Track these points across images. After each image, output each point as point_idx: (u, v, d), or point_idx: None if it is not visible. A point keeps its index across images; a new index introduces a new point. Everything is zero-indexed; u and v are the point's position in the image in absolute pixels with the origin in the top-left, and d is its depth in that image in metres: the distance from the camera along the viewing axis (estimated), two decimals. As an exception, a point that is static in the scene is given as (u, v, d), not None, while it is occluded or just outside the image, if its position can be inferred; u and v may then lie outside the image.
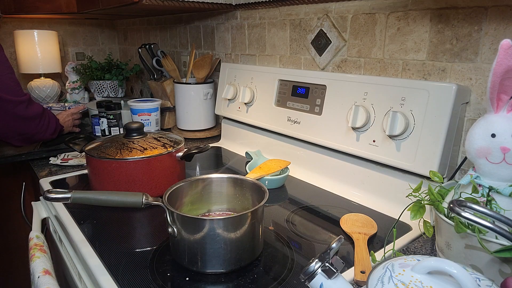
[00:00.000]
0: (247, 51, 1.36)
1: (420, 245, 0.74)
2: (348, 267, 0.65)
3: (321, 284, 0.43)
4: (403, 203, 0.70)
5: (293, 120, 1.10)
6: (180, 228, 0.64)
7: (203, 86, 1.43)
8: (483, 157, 0.58)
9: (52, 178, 1.06)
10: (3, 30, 1.97)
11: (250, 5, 1.27)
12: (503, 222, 0.49)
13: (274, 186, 1.01)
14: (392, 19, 0.91)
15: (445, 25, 0.81)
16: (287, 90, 1.13)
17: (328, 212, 0.88)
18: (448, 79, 0.83)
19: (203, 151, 0.97)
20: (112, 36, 2.36)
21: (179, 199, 0.74)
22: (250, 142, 1.31)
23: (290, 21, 1.17)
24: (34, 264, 0.72)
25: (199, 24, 1.58)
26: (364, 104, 0.91)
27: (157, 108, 1.44)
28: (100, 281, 0.63)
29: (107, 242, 0.76)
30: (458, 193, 0.62)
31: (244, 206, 0.77)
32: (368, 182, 0.94)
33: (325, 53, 1.08)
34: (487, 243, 0.53)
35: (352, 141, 0.94)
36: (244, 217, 0.64)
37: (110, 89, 2.05)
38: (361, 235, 0.74)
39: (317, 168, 1.07)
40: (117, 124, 1.41)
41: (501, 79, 0.55)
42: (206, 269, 0.64)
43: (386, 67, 0.94)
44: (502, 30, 0.73)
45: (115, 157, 0.88)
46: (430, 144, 0.79)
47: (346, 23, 1.01)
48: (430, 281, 0.38)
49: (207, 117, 1.48)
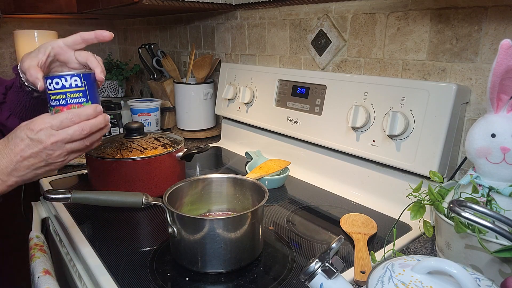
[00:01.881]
0: (247, 51, 1.36)
1: (420, 245, 0.74)
2: (348, 267, 0.65)
3: (321, 284, 0.43)
4: (403, 203, 0.70)
5: (293, 120, 1.10)
6: (180, 228, 0.64)
7: (203, 86, 1.43)
8: (483, 157, 0.58)
9: (52, 178, 1.06)
10: (3, 30, 1.97)
11: (250, 5, 1.27)
12: (503, 222, 0.49)
13: (274, 186, 1.01)
14: (392, 19, 0.90)
15: (445, 25, 0.81)
16: (287, 90, 1.13)
17: (328, 212, 0.88)
18: (448, 79, 0.83)
19: (203, 151, 0.97)
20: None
21: (179, 199, 0.74)
22: (250, 142, 1.31)
23: (290, 21, 1.17)
24: (34, 264, 0.72)
25: (199, 24, 1.58)
26: (364, 104, 0.91)
27: (157, 108, 1.44)
28: (100, 281, 0.63)
29: (107, 242, 0.76)
30: (458, 193, 0.62)
31: (244, 206, 0.77)
32: (368, 182, 0.94)
33: (325, 53, 1.08)
34: (487, 243, 0.53)
35: (352, 141, 0.94)
36: (244, 217, 0.64)
37: (110, 89, 2.05)
38: (361, 235, 0.74)
39: (317, 168, 1.07)
40: (117, 124, 1.41)
41: (501, 79, 0.55)
42: (206, 269, 0.64)
43: (386, 67, 0.94)
44: (502, 30, 0.73)
45: (115, 157, 0.88)
46: (430, 144, 0.79)
47: (346, 23, 1.01)
48: (430, 281, 0.38)
49: (207, 117, 1.48)
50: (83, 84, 0.57)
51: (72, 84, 0.56)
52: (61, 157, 0.55)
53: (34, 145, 0.53)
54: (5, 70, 2.01)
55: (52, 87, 0.56)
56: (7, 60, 2.00)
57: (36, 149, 0.53)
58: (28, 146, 0.53)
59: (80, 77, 0.56)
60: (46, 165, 0.55)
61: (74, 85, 0.56)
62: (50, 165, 0.56)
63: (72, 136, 0.54)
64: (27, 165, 0.54)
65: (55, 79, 0.56)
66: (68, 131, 0.54)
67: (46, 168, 0.56)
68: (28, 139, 0.54)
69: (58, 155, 0.55)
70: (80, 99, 0.57)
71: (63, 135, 0.54)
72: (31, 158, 0.54)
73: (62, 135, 0.54)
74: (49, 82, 0.56)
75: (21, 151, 0.53)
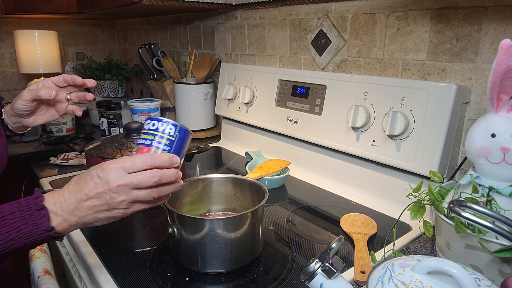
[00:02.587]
0: (247, 51, 1.36)
1: (420, 245, 0.74)
2: (348, 267, 0.65)
3: (321, 284, 0.43)
4: (403, 203, 0.70)
5: (293, 120, 1.10)
6: (180, 228, 0.64)
7: (203, 86, 1.43)
8: (483, 157, 0.58)
9: (52, 178, 1.06)
10: (3, 30, 1.97)
11: (250, 5, 1.27)
12: (503, 222, 0.49)
13: (274, 186, 1.01)
14: (392, 19, 0.90)
15: (445, 25, 0.81)
16: (287, 90, 1.13)
17: (328, 212, 0.88)
18: (448, 79, 0.83)
19: (203, 151, 0.97)
20: (112, 36, 2.36)
21: (179, 199, 0.74)
22: (250, 142, 1.31)
23: (290, 21, 1.17)
24: (34, 264, 0.72)
25: (199, 24, 1.58)
26: (364, 104, 0.91)
27: (157, 108, 1.44)
28: (100, 281, 0.63)
29: (107, 242, 0.76)
30: (458, 193, 0.62)
31: (244, 206, 0.77)
32: (368, 182, 0.94)
33: (325, 53, 1.08)
34: (487, 243, 0.53)
35: (352, 141, 0.94)
36: (244, 217, 0.64)
37: (110, 89, 2.05)
38: (361, 235, 0.74)
39: (317, 168, 1.07)
40: (117, 124, 1.41)
41: (501, 79, 0.55)
42: (206, 269, 0.64)
43: (386, 67, 0.94)
44: (502, 30, 0.73)
45: (115, 157, 0.88)
46: (430, 144, 0.79)
47: (346, 23, 1.01)
48: (430, 281, 0.38)
49: (207, 117, 1.48)
50: (175, 135, 0.56)
51: (165, 130, 0.55)
52: (124, 204, 0.51)
53: (100, 185, 0.50)
54: (5, 70, 2.01)
55: (147, 127, 0.56)
56: (7, 60, 2.00)
57: (101, 189, 0.50)
58: (95, 185, 0.50)
59: (176, 127, 0.56)
60: (107, 209, 0.51)
61: (167, 132, 0.55)
62: (112, 210, 0.51)
63: (139, 182, 0.51)
64: (89, 206, 0.50)
65: (154, 121, 0.56)
66: (137, 176, 0.51)
67: (107, 213, 0.51)
68: (97, 178, 0.51)
69: (121, 201, 0.50)
70: (165, 146, 0.55)
71: (131, 179, 0.50)
72: (95, 198, 0.50)
73: (130, 179, 0.50)
74: (147, 122, 0.56)
75: (88, 190, 0.50)
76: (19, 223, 0.46)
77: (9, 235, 0.46)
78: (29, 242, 0.47)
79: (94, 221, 0.52)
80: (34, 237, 0.47)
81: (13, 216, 0.47)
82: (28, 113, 0.81)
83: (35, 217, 0.47)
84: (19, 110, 0.79)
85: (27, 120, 0.83)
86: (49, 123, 1.42)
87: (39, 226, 0.47)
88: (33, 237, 0.47)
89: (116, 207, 0.51)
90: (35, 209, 0.48)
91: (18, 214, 0.47)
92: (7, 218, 0.47)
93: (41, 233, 0.47)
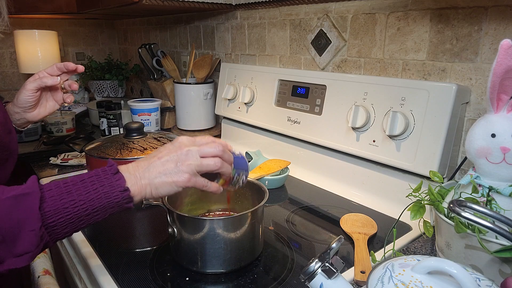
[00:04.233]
0: (247, 51, 1.36)
1: (420, 245, 0.74)
2: (348, 267, 0.65)
3: (321, 284, 0.43)
4: (403, 203, 0.70)
5: (293, 120, 1.10)
6: (180, 228, 0.64)
7: (203, 86, 1.43)
8: (483, 157, 0.58)
9: (52, 178, 1.06)
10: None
11: (250, 5, 1.27)
12: (503, 222, 0.49)
13: (274, 186, 1.01)
14: (392, 19, 0.90)
15: (445, 25, 0.81)
16: (287, 90, 1.13)
17: (328, 212, 0.88)
18: (448, 79, 0.83)
19: (203, 151, 0.97)
20: (112, 36, 2.36)
21: (179, 199, 0.74)
22: (250, 142, 1.31)
23: (290, 21, 1.17)
24: (34, 264, 0.72)
25: (199, 24, 1.58)
26: (364, 104, 0.91)
27: (157, 108, 1.44)
28: (100, 281, 0.63)
29: (107, 242, 0.76)
30: (458, 193, 0.62)
31: (244, 206, 0.77)
32: (368, 182, 0.94)
33: (325, 53, 1.08)
34: (487, 243, 0.53)
35: (352, 141, 0.94)
36: (244, 217, 0.64)
37: (110, 89, 2.05)
38: (361, 235, 0.74)
39: (317, 168, 1.07)
40: (117, 124, 1.41)
41: (501, 79, 0.55)
42: (206, 269, 0.64)
43: (386, 67, 0.94)
44: (502, 30, 0.73)
45: (115, 157, 0.88)
46: (430, 144, 0.79)
47: (346, 23, 1.01)
48: (430, 281, 0.38)
49: (207, 117, 1.48)
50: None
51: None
52: (190, 168, 0.55)
53: (173, 148, 0.56)
54: (5, 70, 2.01)
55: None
56: (7, 60, 2.00)
57: (173, 152, 0.56)
58: (168, 150, 0.56)
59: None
60: (174, 172, 0.54)
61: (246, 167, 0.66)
62: (178, 174, 0.54)
63: (206, 150, 0.57)
64: (159, 166, 0.55)
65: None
66: (204, 146, 0.57)
67: (173, 177, 0.54)
68: (171, 144, 0.57)
69: (189, 164, 0.55)
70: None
71: (200, 146, 0.57)
72: (165, 157, 0.55)
73: (199, 145, 0.57)
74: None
75: (160, 154, 0.56)
76: (97, 185, 0.51)
77: (89, 195, 0.50)
78: (106, 204, 0.51)
79: (161, 186, 0.54)
80: (111, 198, 0.50)
81: (92, 180, 0.51)
82: (32, 105, 0.83)
83: (112, 180, 0.51)
84: (24, 102, 0.81)
85: (32, 114, 0.85)
86: (49, 123, 1.42)
87: (115, 187, 0.51)
88: (110, 197, 0.50)
89: (184, 171, 0.54)
90: (110, 174, 0.52)
91: (95, 178, 0.51)
92: (87, 182, 0.51)
93: (117, 194, 0.51)
